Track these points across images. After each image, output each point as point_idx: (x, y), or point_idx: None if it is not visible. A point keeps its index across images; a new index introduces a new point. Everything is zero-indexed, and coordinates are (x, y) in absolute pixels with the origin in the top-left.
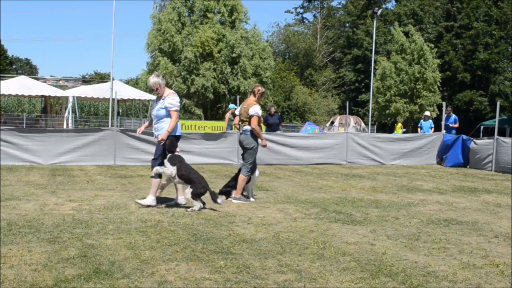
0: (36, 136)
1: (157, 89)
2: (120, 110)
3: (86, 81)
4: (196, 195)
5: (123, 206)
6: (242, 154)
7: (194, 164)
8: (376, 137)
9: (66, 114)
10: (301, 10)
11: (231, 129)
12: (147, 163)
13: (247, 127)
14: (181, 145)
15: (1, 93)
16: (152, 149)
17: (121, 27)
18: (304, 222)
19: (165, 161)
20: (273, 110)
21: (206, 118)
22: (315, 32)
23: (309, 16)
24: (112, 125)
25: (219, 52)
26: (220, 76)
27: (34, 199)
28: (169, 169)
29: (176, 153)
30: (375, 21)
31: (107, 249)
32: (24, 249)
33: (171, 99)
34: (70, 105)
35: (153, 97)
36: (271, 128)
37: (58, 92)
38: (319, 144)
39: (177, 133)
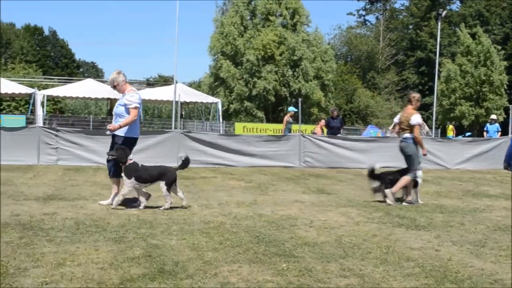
0: (102, 138)
1: (115, 86)
2: (183, 113)
3: (150, 84)
4: (170, 184)
5: (186, 208)
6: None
7: (256, 167)
8: (440, 141)
9: None
10: (363, 13)
11: (290, 131)
12: (209, 165)
13: (408, 135)
14: (243, 147)
15: (69, 95)
16: (215, 151)
17: (184, 30)
18: (366, 226)
19: (122, 175)
20: (335, 113)
21: (267, 121)
22: (378, 34)
23: (371, 18)
24: (175, 128)
25: (280, 55)
26: (281, 79)
27: (100, 199)
28: (128, 184)
29: (129, 161)
30: (439, 23)
31: (171, 249)
32: (91, 248)
33: (130, 96)
34: None
35: (216, 100)
36: (333, 131)
37: None
38: (381, 147)
39: (134, 135)
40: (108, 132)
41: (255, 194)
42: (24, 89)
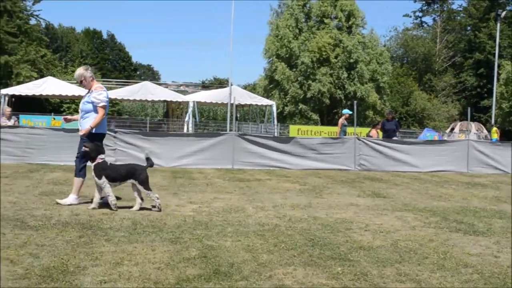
0: (158, 140)
1: (81, 81)
2: (238, 115)
3: (205, 86)
4: (145, 182)
5: (241, 209)
6: None
7: (310, 169)
8: (499, 145)
9: (186, 118)
10: (420, 14)
11: (345, 134)
12: (264, 167)
13: None
14: (298, 150)
15: (126, 98)
16: (270, 153)
17: (239, 32)
18: (423, 231)
19: (92, 174)
20: (391, 115)
21: (322, 123)
22: (435, 36)
23: (428, 19)
24: (230, 130)
25: (335, 57)
26: (336, 81)
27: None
28: (102, 184)
29: (99, 160)
30: (498, 24)
31: (226, 251)
32: (148, 248)
33: (98, 94)
34: (190, 109)
35: (270, 102)
36: (388, 134)
37: (179, 97)
38: (438, 151)
39: (102, 131)
40: (80, 134)
41: (310, 196)
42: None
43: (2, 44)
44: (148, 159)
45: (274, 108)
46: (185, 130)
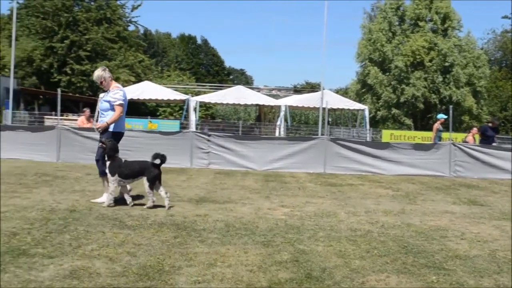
0: (251, 143)
1: (101, 82)
2: (330, 119)
3: (297, 90)
4: (152, 180)
5: (333, 214)
6: None
7: (403, 175)
8: None
9: (278, 122)
10: None
11: (440, 140)
12: (357, 172)
13: None
14: (391, 155)
15: (220, 102)
16: (363, 158)
17: (331, 36)
18: None
19: (107, 171)
20: (496, 123)
21: (416, 129)
22: None
23: None
24: (322, 134)
25: (430, 61)
26: (431, 85)
27: (249, 203)
28: (113, 181)
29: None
30: None
31: (318, 255)
32: (241, 250)
33: (114, 93)
34: (282, 113)
35: (363, 106)
36: (488, 140)
37: (271, 101)
38: None
39: (120, 130)
40: (96, 127)
41: (403, 203)
42: (179, 96)
43: (102, 50)
44: (159, 156)
45: (367, 113)
46: (276, 134)
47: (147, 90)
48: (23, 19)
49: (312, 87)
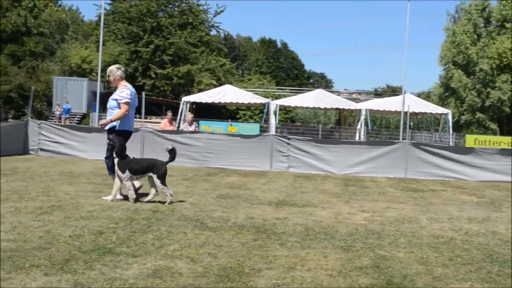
0: (331, 147)
1: (108, 76)
2: (411, 124)
3: (378, 94)
4: (162, 177)
5: (414, 220)
6: None
7: (488, 181)
8: None
9: (358, 126)
10: None
11: None
12: (439, 178)
13: None
14: (475, 160)
15: (299, 105)
16: (445, 163)
17: (413, 39)
18: None
19: (116, 169)
20: None
21: (501, 133)
22: None
23: None
24: (403, 138)
25: None
26: None
27: (329, 207)
28: (125, 179)
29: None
30: None
31: (399, 262)
32: (320, 254)
33: (121, 91)
34: (362, 117)
35: (446, 110)
36: None
37: (352, 105)
38: None
39: (128, 128)
40: (99, 124)
41: (488, 210)
42: (259, 99)
43: (184, 54)
44: (171, 151)
45: (450, 117)
46: (356, 138)
47: (228, 94)
48: (110, 25)
49: (393, 91)
